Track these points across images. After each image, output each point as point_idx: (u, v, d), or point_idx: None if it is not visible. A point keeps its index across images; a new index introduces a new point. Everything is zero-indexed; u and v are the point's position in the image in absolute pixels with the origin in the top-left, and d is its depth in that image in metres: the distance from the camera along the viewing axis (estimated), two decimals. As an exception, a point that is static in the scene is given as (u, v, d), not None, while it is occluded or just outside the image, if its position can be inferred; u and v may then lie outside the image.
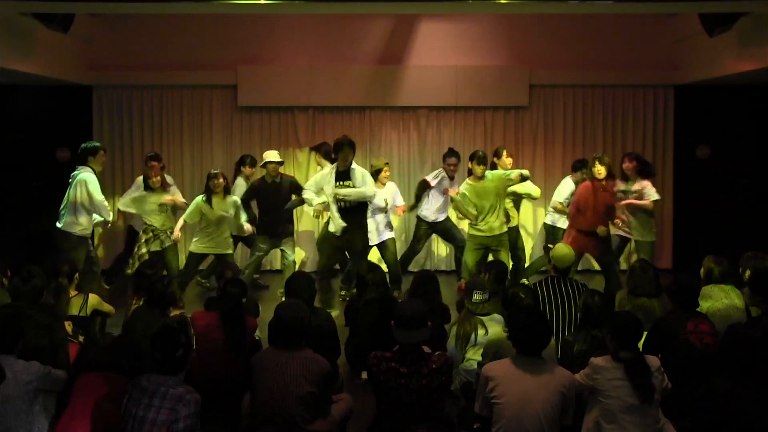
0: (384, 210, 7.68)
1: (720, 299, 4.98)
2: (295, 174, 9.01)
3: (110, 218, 7.10)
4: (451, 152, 7.97)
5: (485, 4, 7.28)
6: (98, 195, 6.86)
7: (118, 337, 4.10)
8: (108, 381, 3.67)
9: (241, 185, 7.96)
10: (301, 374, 3.71)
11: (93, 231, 7.45)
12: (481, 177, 6.90)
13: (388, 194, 7.81)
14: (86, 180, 6.84)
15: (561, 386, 3.54)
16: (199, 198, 7.17)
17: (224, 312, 4.57)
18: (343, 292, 7.69)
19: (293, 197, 7.39)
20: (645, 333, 4.20)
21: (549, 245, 7.91)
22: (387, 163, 8.04)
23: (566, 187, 7.88)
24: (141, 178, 7.50)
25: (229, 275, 5.41)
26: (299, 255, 7.85)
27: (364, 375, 5.03)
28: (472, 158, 6.95)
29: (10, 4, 6.58)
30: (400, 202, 8.09)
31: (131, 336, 4.50)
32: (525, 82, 9.24)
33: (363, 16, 9.10)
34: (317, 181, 7.05)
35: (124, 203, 7.42)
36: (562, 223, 7.81)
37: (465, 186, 7.03)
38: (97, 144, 7.23)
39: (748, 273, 5.28)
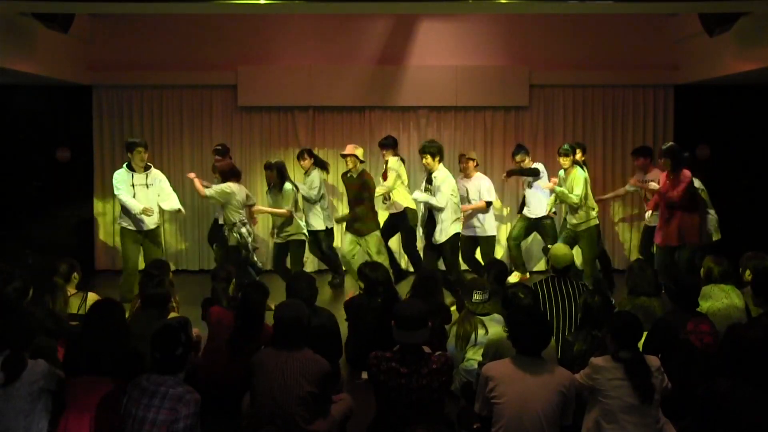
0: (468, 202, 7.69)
1: (720, 299, 4.98)
2: (294, 174, 9.01)
3: (137, 210, 7.10)
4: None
5: (485, 4, 7.29)
6: (118, 192, 7.15)
7: (113, 339, 3.96)
8: (102, 386, 3.65)
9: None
10: (301, 374, 3.71)
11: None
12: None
13: (473, 187, 7.84)
14: (114, 178, 7.25)
15: (561, 386, 3.54)
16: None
17: (243, 316, 4.54)
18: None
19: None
20: (645, 333, 4.20)
21: (549, 245, 7.91)
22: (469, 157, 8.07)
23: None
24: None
25: (223, 274, 5.38)
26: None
27: (364, 375, 5.03)
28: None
29: (10, 4, 6.58)
30: (491, 196, 7.92)
31: (128, 338, 4.50)
32: (525, 82, 9.24)
33: (363, 16, 9.11)
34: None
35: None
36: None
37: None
38: (135, 140, 7.35)
39: (748, 273, 5.29)
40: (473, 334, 4.88)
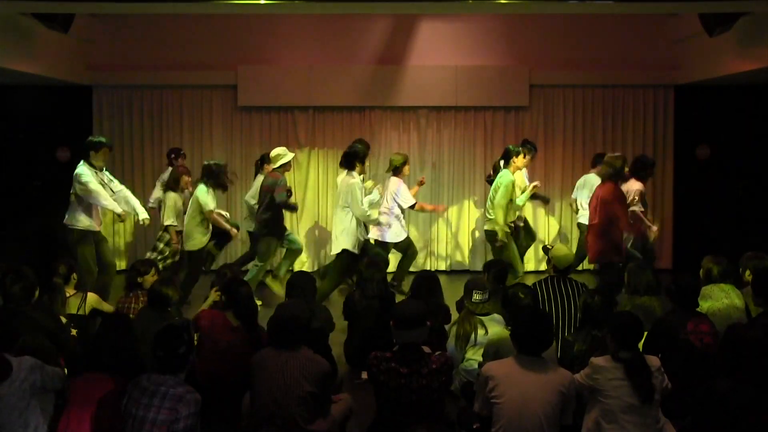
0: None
1: (720, 299, 4.98)
2: (294, 174, 9.03)
3: (119, 210, 6.69)
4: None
5: (485, 4, 7.28)
6: (93, 186, 6.53)
7: (115, 338, 3.94)
8: (103, 384, 3.65)
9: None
10: (301, 374, 3.71)
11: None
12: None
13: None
14: (79, 173, 6.56)
15: (560, 386, 3.54)
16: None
17: (242, 314, 4.57)
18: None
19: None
20: (645, 333, 4.20)
21: (549, 245, 7.89)
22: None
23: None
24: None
25: (229, 273, 5.42)
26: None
27: (364, 375, 5.03)
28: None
29: (10, 4, 6.58)
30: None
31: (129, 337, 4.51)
32: (525, 82, 9.24)
33: (363, 16, 9.10)
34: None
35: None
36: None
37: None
38: (102, 140, 6.82)
39: (747, 273, 5.29)
40: (473, 334, 4.88)
